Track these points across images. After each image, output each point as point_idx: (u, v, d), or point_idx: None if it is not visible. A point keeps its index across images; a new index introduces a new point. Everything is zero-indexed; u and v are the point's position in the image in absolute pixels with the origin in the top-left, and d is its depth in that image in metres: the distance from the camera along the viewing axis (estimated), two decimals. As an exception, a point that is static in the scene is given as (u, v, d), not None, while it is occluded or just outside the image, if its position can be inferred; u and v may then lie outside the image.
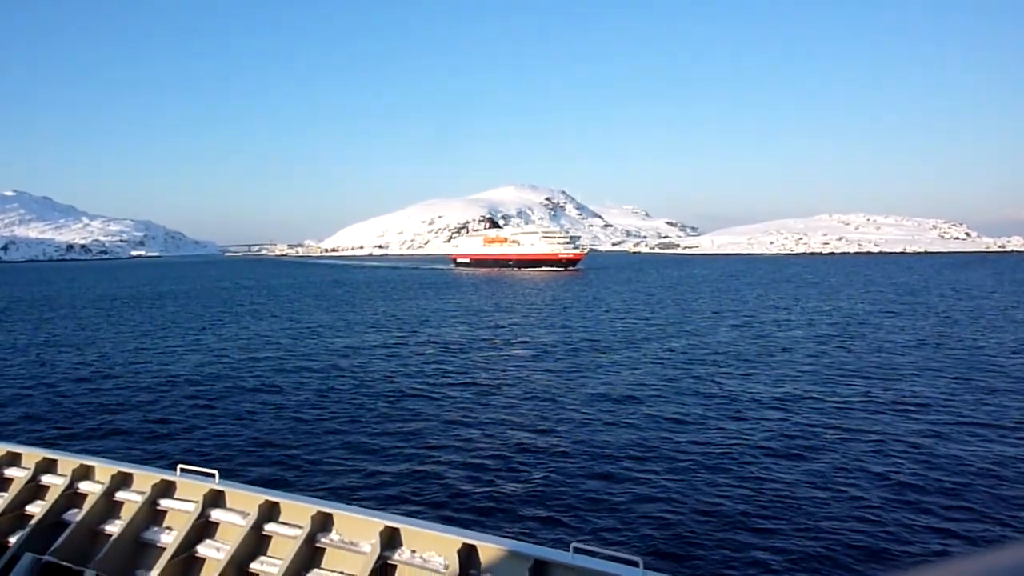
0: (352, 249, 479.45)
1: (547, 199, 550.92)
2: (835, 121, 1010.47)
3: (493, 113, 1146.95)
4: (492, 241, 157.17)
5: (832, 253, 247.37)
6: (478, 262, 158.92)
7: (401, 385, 24.18)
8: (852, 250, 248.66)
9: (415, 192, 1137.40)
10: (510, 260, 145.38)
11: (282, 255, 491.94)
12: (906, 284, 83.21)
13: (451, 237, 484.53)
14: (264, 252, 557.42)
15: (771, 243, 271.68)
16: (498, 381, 24.95)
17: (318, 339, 36.99)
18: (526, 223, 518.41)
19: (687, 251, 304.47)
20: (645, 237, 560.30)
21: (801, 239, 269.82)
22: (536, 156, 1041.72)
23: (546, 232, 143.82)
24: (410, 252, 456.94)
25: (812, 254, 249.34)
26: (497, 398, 22.15)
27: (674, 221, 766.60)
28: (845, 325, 42.77)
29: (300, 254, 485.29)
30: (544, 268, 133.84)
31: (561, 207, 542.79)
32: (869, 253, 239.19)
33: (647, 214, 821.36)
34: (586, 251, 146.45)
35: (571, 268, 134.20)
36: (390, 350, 32.53)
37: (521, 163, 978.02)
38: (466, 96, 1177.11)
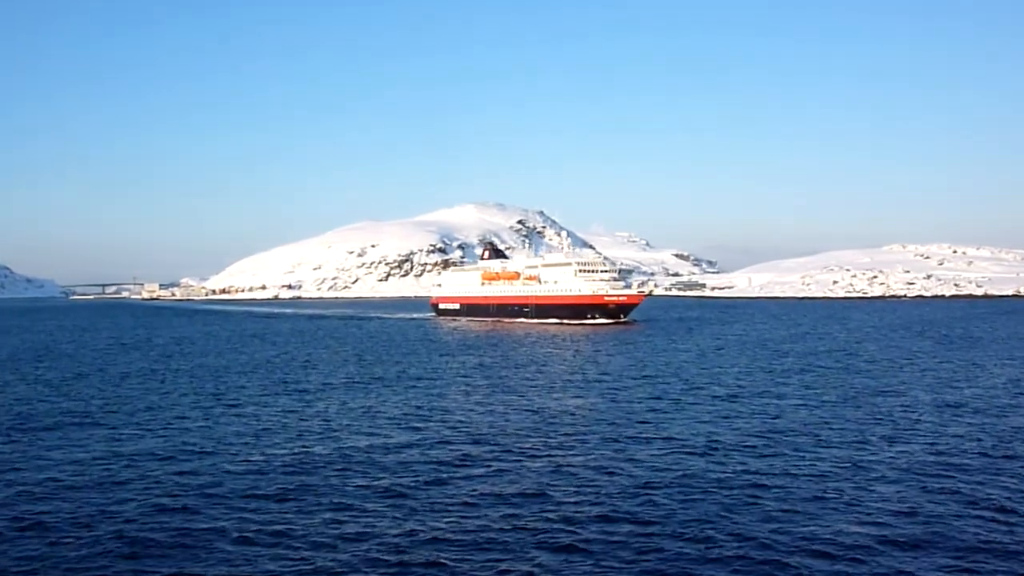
0: (251, 290, 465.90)
1: (520, 222, 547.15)
2: (891, 122, 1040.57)
3: (444, 111, 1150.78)
4: (496, 277, 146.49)
5: (921, 296, 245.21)
6: (474, 308, 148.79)
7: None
8: (947, 292, 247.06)
9: (338, 212, 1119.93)
10: (526, 305, 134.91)
11: (152, 298, 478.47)
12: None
13: (389, 274, 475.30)
14: (126, 294, 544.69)
15: (834, 283, 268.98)
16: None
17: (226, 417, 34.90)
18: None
19: (719, 294, 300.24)
20: (653, 274, 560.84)
21: (875, 277, 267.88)
22: (502, 167, 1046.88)
23: (584, 264, 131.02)
24: (333, 294, 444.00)
25: (893, 297, 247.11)
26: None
27: (684, 253, 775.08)
28: None
29: (178, 297, 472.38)
30: (579, 319, 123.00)
31: (539, 233, 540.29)
32: (971, 296, 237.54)
33: (648, 244, 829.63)
34: (647, 292, 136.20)
35: (622, 319, 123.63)
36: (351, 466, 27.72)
37: (483, 176, 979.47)
38: (406, 87, 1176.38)
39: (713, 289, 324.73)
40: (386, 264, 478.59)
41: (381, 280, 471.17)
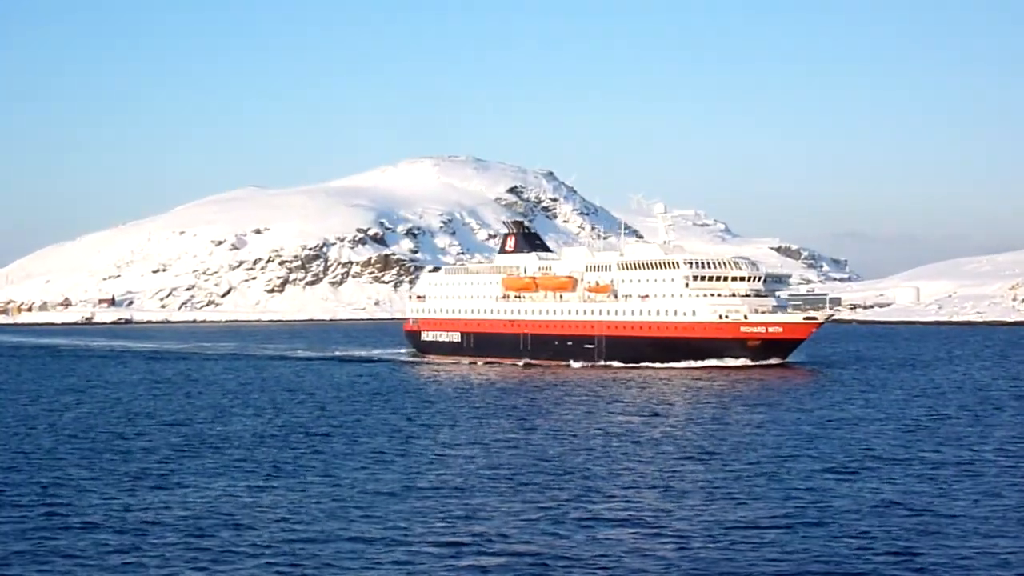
0: (44, 308, 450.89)
1: (513, 191, 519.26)
2: None
3: (378, 7, 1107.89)
4: (529, 285, 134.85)
5: None
6: (489, 340, 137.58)
7: None
8: None
9: (197, 173, 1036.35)
10: (590, 338, 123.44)
11: None
12: None
13: (287, 279, 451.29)
14: None
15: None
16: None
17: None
18: (465, 248, 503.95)
19: (863, 316, 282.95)
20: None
21: None
22: (479, 103, 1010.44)
23: (701, 266, 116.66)
24: (188, 315, 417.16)
25: None
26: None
27: (791, 246, 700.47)
28: None
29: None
30: (692, 361, 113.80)
31: (545, 210, 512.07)
32: None
33: (728, 230, 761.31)
34: (825, 316, 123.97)
35: (777, 362, 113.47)
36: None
37: (445, 115, 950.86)
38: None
39: (854, 308, 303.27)
40: (281, 263, 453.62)
41: (273, 290, 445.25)
